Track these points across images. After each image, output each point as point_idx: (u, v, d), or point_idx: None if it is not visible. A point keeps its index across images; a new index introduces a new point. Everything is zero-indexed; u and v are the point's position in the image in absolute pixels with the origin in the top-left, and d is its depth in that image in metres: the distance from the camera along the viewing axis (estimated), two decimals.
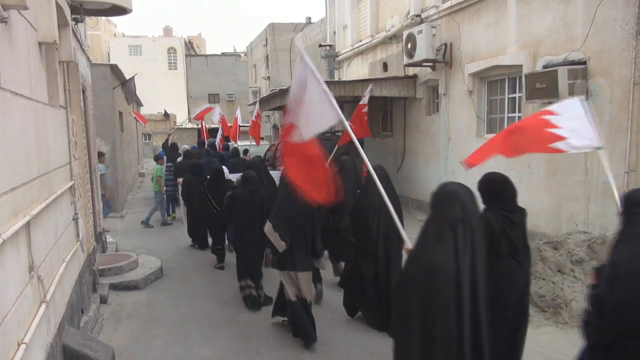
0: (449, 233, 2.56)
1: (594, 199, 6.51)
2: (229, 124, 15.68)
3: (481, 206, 3.26)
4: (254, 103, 18.81)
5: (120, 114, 14.47)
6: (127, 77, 13.99)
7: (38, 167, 3.64)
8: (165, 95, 39.37)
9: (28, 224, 3.18)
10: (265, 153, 14.36)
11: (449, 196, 2.66)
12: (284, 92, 12.58)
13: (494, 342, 2.65)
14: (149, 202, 14.14)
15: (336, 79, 15.55)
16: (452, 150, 9.97)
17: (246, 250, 5.97)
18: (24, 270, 3.12)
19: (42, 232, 3.65)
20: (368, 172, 3.81)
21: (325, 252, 5.73)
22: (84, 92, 6.81)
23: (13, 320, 2.79)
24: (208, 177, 7.86)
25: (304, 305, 4.82)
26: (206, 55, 43.98)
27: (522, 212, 3.45)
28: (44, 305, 3.35)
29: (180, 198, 9.13)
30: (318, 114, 3.84)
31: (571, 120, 3.70)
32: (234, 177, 7.94)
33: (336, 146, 9.02)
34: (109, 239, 9.09)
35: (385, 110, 13.35)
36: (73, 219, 5.00)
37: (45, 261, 3.63)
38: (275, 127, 25.08)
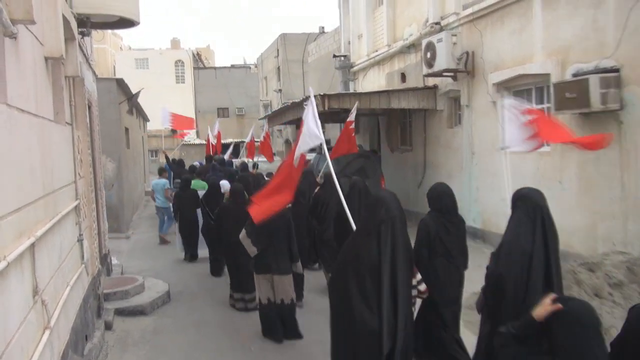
0: (374, 231, 3.41)
1: (632, 216, 6.41)
2: (212, 140, 17.08)
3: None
4: (265, 117, 19.05)
5: (127, 129, 14.70)
6: (134, 91, 14.25)
7: (43, 186, 3.71)
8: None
9: (32, 245, 3.22)
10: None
11: (377, 201, 3.52)
12: (296, 105, 12.68)
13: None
14: (155, 222, 14.27)
15: (351, 90, 15.63)
16: (476, 164, 9.89)
17: (235, 260, 6.65)
18: (28, 295, 3.15)
19: (47, 254, 3.70)
20: (328, 177, 5.28)
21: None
22: (89, 107, 6.96)
23: (17, 346, 2.81)
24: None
25: (278, 308, 5.55)
26: (215, 68, 44.79)
27: (461, 221, 4.48)
28: (47, 332, 3.37)
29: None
30: (307, 135, 5.20)
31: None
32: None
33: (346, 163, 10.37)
34: (114, 261, 9.16)
35: (404, 123, 13.35)
36: (78, 241, 5.07)
37: (49, 285, 3.67)
38: (288, 142, 25.22)
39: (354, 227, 4.36)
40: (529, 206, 3.42)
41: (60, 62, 4.51)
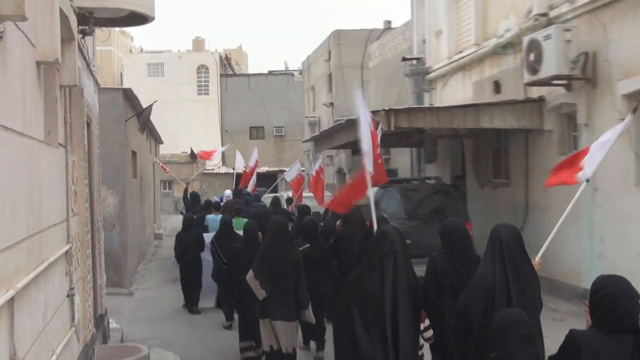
0: (378, 265, 4.74)
1: None
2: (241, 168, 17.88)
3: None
4: (312, 139, 19.24)
5: (134, 154, 15.22)
6: (145, 104, 14.82)
7: (28, 225, 3.86)
8: (192, 129, 41.26)
9: (11, 300, 3.33)
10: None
11: (381, 235, 4.95)
12: (353, 124, 12.79)
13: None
14: (166, 275, 14.53)
15: (426, 104, 15.64)
16: (601, 206, 9.68)
17: (246, 308, 7.60)
18: None
19: (29, 313, 3.82)
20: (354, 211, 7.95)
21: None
22: (88, 125, 7.28)
23: None
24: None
25: (281, 357, 6.46)
26: (248, 75, 46.20)
27: (474, 261, 5.02)
28: None
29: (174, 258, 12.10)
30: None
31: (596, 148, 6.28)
32: None
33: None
34: (113, 324, 9.37)
35: (497, 149, 13.19)
36: (68, 296, 5.22)
37: (30, 352, 3.77)
38: (341, 172, 25.37)
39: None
40: (492, 240, 4.55)
41: (54, 68, 4.75)
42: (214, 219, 12.18)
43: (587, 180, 6.50)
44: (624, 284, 3.32)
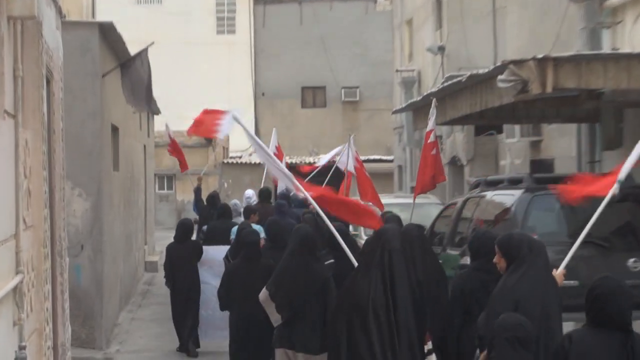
0: (374, 266, 6.46)
1: None
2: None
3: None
4: (408, 108, 19.02)
5: (115, 130, 15.43)
6: (134, 49, 14.98)
7: None
8: (208, 90, 41.20)
9: None
10: (434, 223, 14.45)
11: (377, 234, 6.85)
12: (477, 83, 12.65)
13: None
14: (163, 325, 14.85)
15: (606, 49, 15.34)
16: None
17: (251, 339, 9.88)
18: None
19: None
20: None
21: None
22: (48, 82, 7.42)
23: None
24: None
25: None
26: (299, 1, 45.85)
27: None
28: None
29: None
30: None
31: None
32: None
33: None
34: None
35: None
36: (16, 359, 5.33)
37: None
38: (455, 161, 25.21)
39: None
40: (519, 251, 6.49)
41: None
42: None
43: (620, 182, 8.13)
44: (617, 285, 5.43)
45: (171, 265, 13.11)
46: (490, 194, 12.34)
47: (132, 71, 14.43)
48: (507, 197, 12.09)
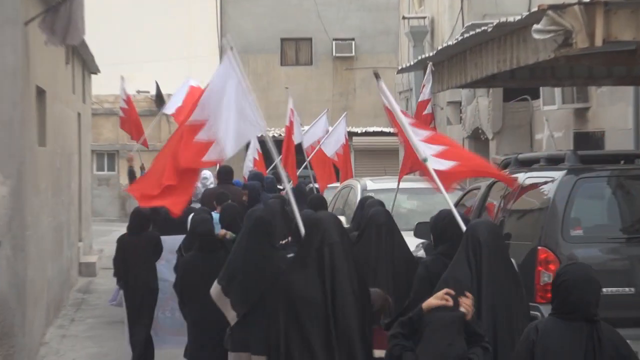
0: (312, 261, 7.36)
1: None
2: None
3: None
4: (418, 66, 18.99)
5: (41, 93, 15.31)
6: None
7: None
8: (160, 44, 41.30)
9: None
10: (461, 199, 14.50)
11: (313, 225, 7.70)
12: (508, 34, 12.56)
13: None
14: (103, 343, 15.00)
15: None
16: None
17: (208, 339, 11.09)
18: None
19: None
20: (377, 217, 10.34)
21: None
22: None
23: None
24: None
25: None
26: None
27: None
28: None
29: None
30: (241, 124, 9.66)
31: None
32: None
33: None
34: None
35: None
36: None
37: None
38: (477, 135, 25.24)
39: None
40: (467, 240, 7.62)
41: None
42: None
43: None
44: (584, 273, 6.23)
45: (123, 261, 13.77)
46: (522, 177, 12.23)
47: (59, 13, 14.18)
48: (545, 181, 12.12)
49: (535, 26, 10.66)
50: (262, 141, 17.73)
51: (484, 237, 7.46)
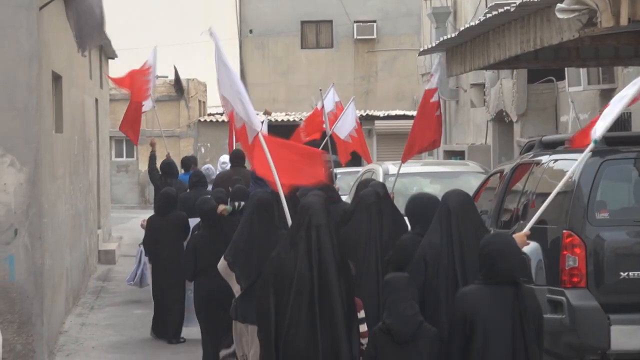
0: (301, 241, 8.25)
1: None
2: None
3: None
4: (440, 47, 18.92)
5: (57, 79, 15.30)
6: None
7: None
8: (181, 30, 41.14)
9: None
10: (475, 197, 14.51)
11: (302, 208, 8.63)
12: (531, 14, 12.47)
13: None
14: (123, 332, 14.98)
15: None
16: None
17: (218, 309, 12.37)
18: None
19: None
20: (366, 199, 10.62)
21: None
22: None
23: None
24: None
25: None
26: None
27: None
28: None
29: (142, 252, 16.21)
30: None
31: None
32: None
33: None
34: None
35: None
36: None
37: None
38: (501, 117, 25.16)
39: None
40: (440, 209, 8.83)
41: None
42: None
43: (595, 142, 9.82)
44: (505, 244, 7.64)
45: (153, 241, 14.46)
46: (547, 159, 12.28)
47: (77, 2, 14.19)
48: (569, 163, 11.97)
49: (559, 5, 10.60)
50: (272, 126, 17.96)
51: (453, 204, 8.58)
